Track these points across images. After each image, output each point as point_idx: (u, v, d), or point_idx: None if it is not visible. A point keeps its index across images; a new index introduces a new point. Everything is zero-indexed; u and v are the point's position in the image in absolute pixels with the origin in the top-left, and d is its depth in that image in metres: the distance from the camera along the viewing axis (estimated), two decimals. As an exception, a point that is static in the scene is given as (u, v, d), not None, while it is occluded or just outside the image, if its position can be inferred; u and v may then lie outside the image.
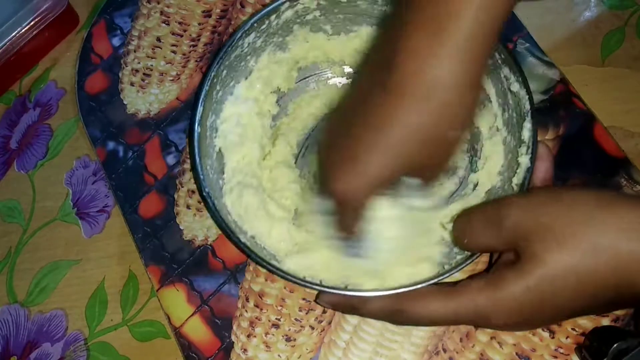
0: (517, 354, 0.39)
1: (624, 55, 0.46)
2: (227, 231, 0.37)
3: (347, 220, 0.35)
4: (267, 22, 0.42)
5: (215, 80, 0.41)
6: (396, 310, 0.34)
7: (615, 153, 0.43)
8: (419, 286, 0.34)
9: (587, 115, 0.44)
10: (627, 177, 0.42)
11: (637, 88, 0.45)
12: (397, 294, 0.34)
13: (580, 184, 0.42)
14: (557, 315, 0.32)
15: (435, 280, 0.34)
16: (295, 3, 0.42)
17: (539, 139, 0.43)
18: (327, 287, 0.36)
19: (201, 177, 0.39)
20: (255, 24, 0.41)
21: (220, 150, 0.42)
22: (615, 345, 0.34)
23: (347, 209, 0.34)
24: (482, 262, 0.40)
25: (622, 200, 0.30)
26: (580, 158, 0.43)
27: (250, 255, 0.36)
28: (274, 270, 0.36)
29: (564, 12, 0.48)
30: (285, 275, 0.36)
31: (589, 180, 0.42)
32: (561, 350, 0.39)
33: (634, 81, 0.46)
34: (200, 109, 0.40)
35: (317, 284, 0.36)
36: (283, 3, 0.41)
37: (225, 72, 0.42)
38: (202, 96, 0.40)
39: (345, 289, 0.36)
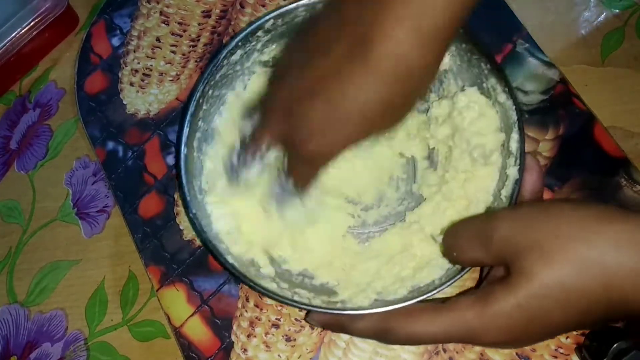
0: (517, 354, 0.39)
1: (624, 55, 0.46)
2: (214, 252, 0.37)
3: (305, 173, 0.35)
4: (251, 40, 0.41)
5: (201, 100, 0.40)
6: (384, 329, 0.34)
7: (615, 153, 0.43)
8: (407, 303, 0.34)
9: (587, 115, 0.44)
10: (626, 177, 0.42)
11: (637, 88, 0.45)
12: (385, 312, 0.34)
13: (577, 187, 0.42)
14: (548, 332, 0.31)
15: (424, 297, 0.34)
16: (278, 21, 0.41)
17: (539, 139, 0.43)
18: (316, 307, 0.36)
19: (187, 198, 0.38)
20: (240, 43, 0.41)
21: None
22: (615, 345, 0.34)
23: (312, 165, 0.34)
24: (472, 278, 0.40)
25: (612, 214, 0.29)
26: (580, 158, 0.43)
27: (239, 276, 0.36)
28: (263, 291, 0.36)
29: (564, 13, 0.48)
30: (274, 296, 0.36)
31: (588, 181, 0.42)
32: (561, 350, 0.39)
33: (634, 81, 0.45)
34: (186, 130, 0.39)
35: (305, 304, 0.36)
36: (267, 20, 0.41)
37: (211, 91, 0.41)
38: (188, 117, 0.40)
39: (335, 308, 0.36)
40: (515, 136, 0.37)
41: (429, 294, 0.34)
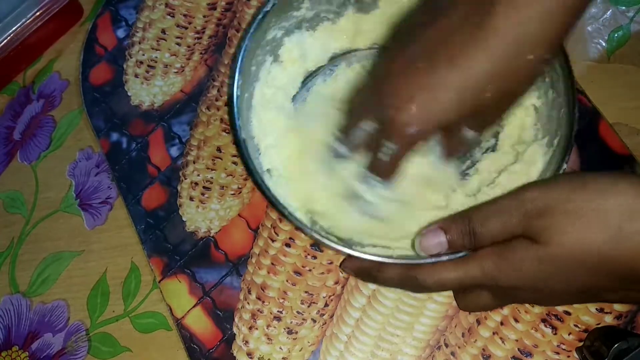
0: (519, 349, 0.39)
1: (630, 52, 0.46)
2: (252, 169, 0.37)
3: (392, 157, 0.34)
4: None
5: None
6: (409, 277, 0.35)
7: (620, 150, 0.43)
8: (434, 260, 0.34)
9: (592, 112, 0.44)
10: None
11: (643, 85, 0.45)
12: (412, 263, 0.35)
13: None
14: (571, 291, 0.32)
15: (447, 258, 0.34)
16: None
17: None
18: (346, 247, 0.35)
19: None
20: None
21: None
22: (615, 345, 0.34)
23: (403, 141, 0.33)
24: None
25: None
26: (584, 155, 0.43)
27: (271, 199, 0.36)
28: (300, 224, 0.36)
29: (570, 9, 0.48)
30: (311, 232, 0.35)
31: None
32: (563, 347, 0.39)
33: (640, 78, 0.45)
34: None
35: (342, 245, 0.36)
36: None
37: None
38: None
39: (363, 252, 0.36)
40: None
41: (451, 257, 0.34)
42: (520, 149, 0.40)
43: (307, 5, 0.42)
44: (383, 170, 0.36)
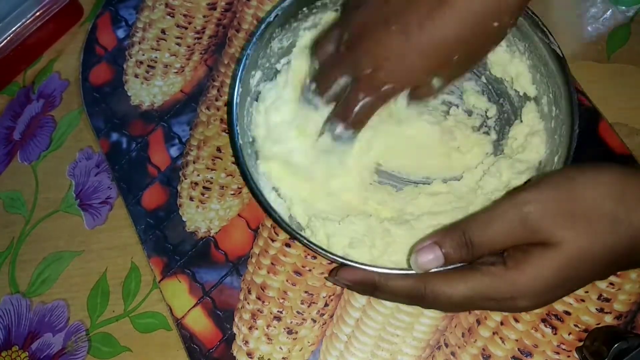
0: (519, 349, 0.39)
1: (630, 52, 0.46)
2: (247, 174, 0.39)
3: (366, 108, 0.37)
4: None
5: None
6: (420, 289, 0.33)
7: (620, 150, 0.43)
8: (445, 268, 0.33)
9: (592, 112, 0.44)
10: (631, 174, 0.42)
11: (643, 85, 0.45)
12: (422, 274, 0.33)
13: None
14: (575, 288, 0.34)
15: (457, 265, 0.33)
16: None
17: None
18: (352, 261, 0.34)
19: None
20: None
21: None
22: (615, 345, 0.34)
23: (378, 95, 0.37)
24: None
25: (632, 175, 0.32)
26: (584, 154, 0.43)
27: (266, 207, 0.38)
28: (297, 235, 0.36)
29: (570, 9, 0.48)
30: (308, 244, 0.36)
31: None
32: (563, 347, 0.39)
33: (640, 78, 0.45)
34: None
35: (341, 257, 0.35)
36: None
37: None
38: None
39: (372, 265, 0.35)
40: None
41: (455, 265, 0.33)
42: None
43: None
44: (353, 120, 0.38)
